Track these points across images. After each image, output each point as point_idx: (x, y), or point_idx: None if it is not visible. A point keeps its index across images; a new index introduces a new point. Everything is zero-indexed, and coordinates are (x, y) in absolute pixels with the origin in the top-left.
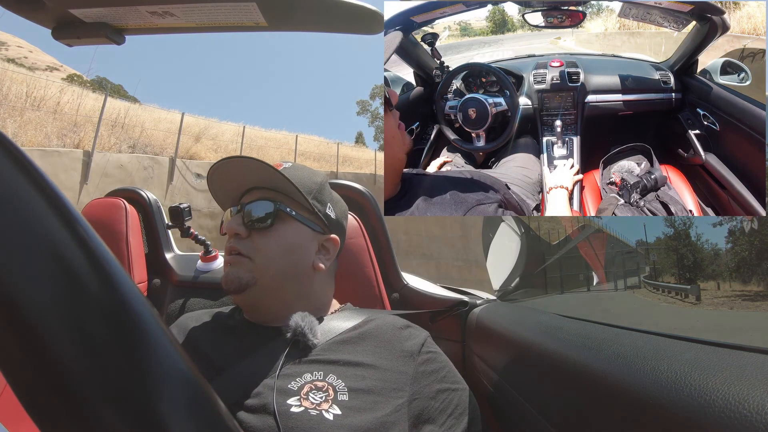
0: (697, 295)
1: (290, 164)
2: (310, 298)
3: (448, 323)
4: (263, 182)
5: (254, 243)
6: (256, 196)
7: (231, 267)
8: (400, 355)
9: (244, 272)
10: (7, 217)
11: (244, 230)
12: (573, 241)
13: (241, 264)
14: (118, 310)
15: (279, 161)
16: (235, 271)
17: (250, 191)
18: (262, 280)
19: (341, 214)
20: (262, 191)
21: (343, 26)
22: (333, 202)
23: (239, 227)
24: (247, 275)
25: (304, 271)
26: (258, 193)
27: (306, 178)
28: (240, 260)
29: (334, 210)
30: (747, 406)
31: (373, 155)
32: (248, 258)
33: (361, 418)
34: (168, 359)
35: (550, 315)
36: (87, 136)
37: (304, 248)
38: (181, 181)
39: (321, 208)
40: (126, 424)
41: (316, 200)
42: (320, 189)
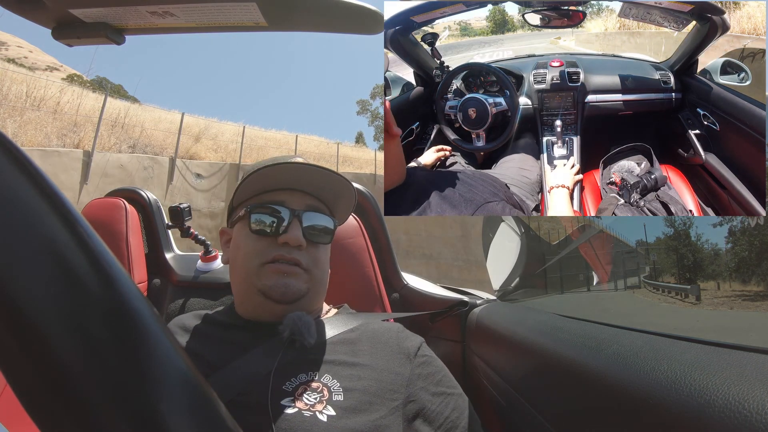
0: (697, 295)
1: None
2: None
3: (448, 323)
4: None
5: (311, 255)
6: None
7: (289, 277)
8: (396, 357)
9: (303, 284)
10: (8, 217)
11: (305, 242)
12: (573, 242)
13: (299, 276)
14: (118, 310)
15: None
16: (295, 283)
17: (294, 193)
18: (313, 290)
19: None
20: (314, 200)
21: (343, 26)
22: None
23: (302, 239)
24: (305, 287)
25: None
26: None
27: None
28: (299, 272)
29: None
30: (747, 406)
31: (373, 155)
32: (305, 270)
33: (355, 419)
34: (168, 359)
35: (550, 315)
36: (87, 136)
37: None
38: (181, 181)
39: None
40: (126, 423)
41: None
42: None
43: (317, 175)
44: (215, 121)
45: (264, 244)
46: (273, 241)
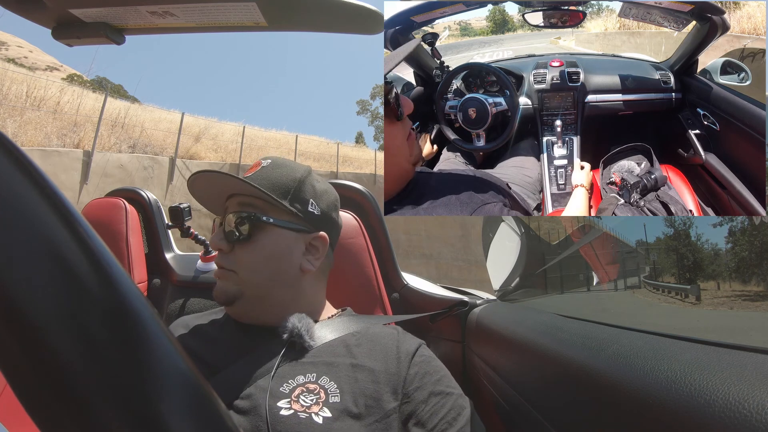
0: (697, 295)
1: (269, 161)
2: (301, 300)
3: (448, 323)
4: (238, 190)
5: (236, 256)
6: (234, 205)
7: (218, 281)
8: (394, 359)
9: (230, 285)
10: (7, 217)
11: (226, 245)
12: (573, 242)
13: (227, 278)
14: (117, 310)
15: (259, 158)
16: (222, 285)
17: (231, 197)
18: (248, 291)
19: (329, 206)
20: (240, 198)
21: (343, 26)
22: (317, 196)
23: (221, 242)
24: (233, 288)
25: (292, 275)
26: (236, 200)
27: (282, 176)
28: (225, 274)
29: (319, 205)
30: (747, 406)
31: (373, 155)
32: (232, 271)
33: (351, 421)
34: (168, 359)
35: (550, 315)
36: (87, 136)
37: (288, 253)
38: (181, 181)
39: (301, 207)
40: (126, 423)
41: (296, 200)
42: (299, 187)
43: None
44: (215, 121)
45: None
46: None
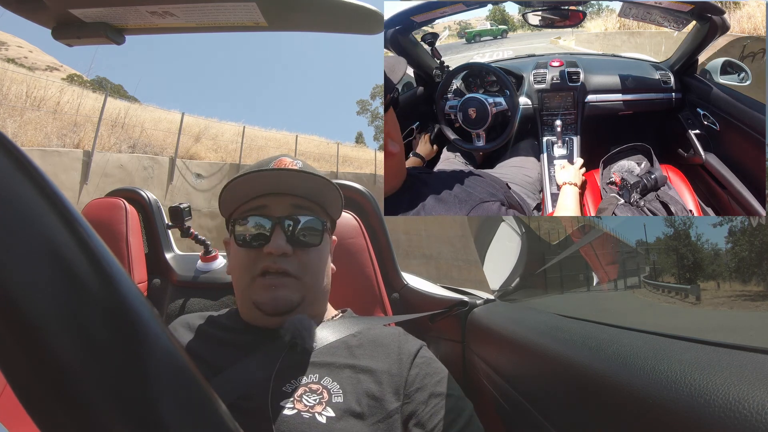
0: (697, 295)
1: (301, 162)
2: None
3: (448, 323)
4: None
5: (300, 261)
6: (294, 208)
7: (279, 289)
8: (396, 360)
9: (294, 293)
10: (7, 217)
11: (291, 249)
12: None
13: (289, 285)
14: (118, 310)
15: (284, 156)
16: (286, 294)
17: (277, 197)
18: (309, 296)
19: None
20: (295, 200)
21: (343, 26)
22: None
23: (286, 247)
24: (297, 296)
25: (329, 277)
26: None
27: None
28: (288, 281)
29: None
30: (747, 406)
31: (373, 155)
32: (295, 278)
33: (354, 421)
34: (168, 359)
35: (550, 315)
36: (87, 136)
37: (329, 256)
38: (181, 181)
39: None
40: (126, 424)
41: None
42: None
43: (296, 177)
44: (215, 121)
45: (252, 257)
46: (259, 253)
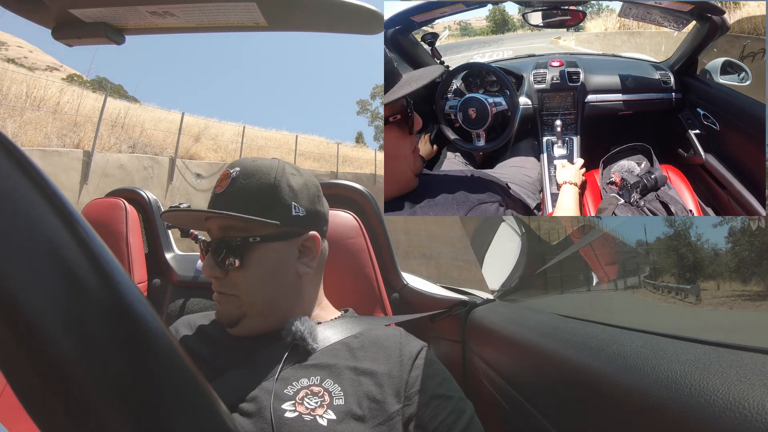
0: (697, 295)
1: (238, 170)
2: (304, 302)
3: (448, 323)
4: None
5: (233, 280)
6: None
7: (221, 305)
8: (397, 361)
9: (233, 309)
10: (7, 217)
11: (220, 272)
12: (573, 242)
13: (227, 302)
14: (117, 310)
15: (226, 167)
16: (224, 310)
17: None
18: (251, 310)
19: (312, 201)
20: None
21: (343, 26)
22: (296, 196)
23: (214, 270)
24: (237, 311)
25: (291, 283)
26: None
27: (256, 187)
28: (225, 299)
29: (301, 204)
30: (747, 406)
31: (373, 155)
32: (233, 295)
33: (355, 423)
34: (168, 360)
35: (550, 315)
36: (87, 136)
37: (284, 263)
38: (181, 181)
39: (284, 213)
40: (126, 424)
41: (276, 208)
42: (276, 193)
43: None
44: (215, 121)
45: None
46: None
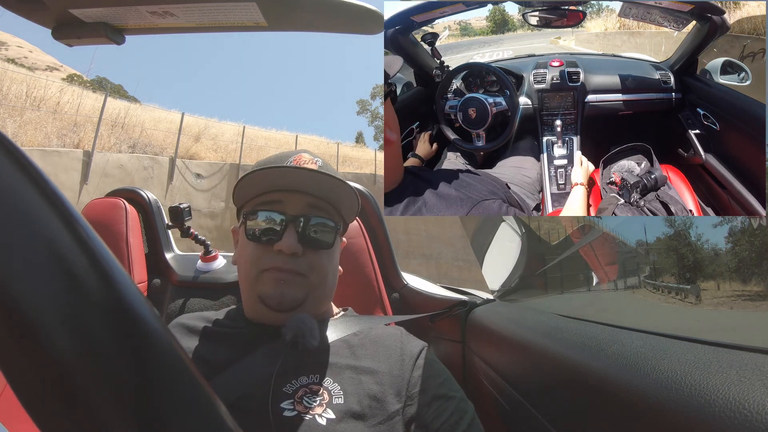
0: (697, 295)
1: (321, 161)
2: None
3: (448, 323)
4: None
5: (309, 261)
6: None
7: (285, 286)
8: (398, 361)
9: (300, 291)
10: (7, 217)
11: (301, 249)
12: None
13: (296, 282)
14: (117, 310)
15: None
16: (291, 292)
17: (293, 194)
18: (313, 295)
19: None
20: (311, 200)
21: (343, 26)
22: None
23: (296, 246)
24: (303, 294)
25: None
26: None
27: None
28: (295, 279)
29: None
30: (747, 406)
31: (373, 155)
32: (302, 275)
33: (355, 422)
34: (168, 359)
35: (550, 315)
36: (87, 136)
37: (338, 258)
38: (181, 181)
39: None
40: (125, 423)
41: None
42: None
43: (314, 177)
44: (215, 121)
45: (260, 252)
46: (268, 248)
